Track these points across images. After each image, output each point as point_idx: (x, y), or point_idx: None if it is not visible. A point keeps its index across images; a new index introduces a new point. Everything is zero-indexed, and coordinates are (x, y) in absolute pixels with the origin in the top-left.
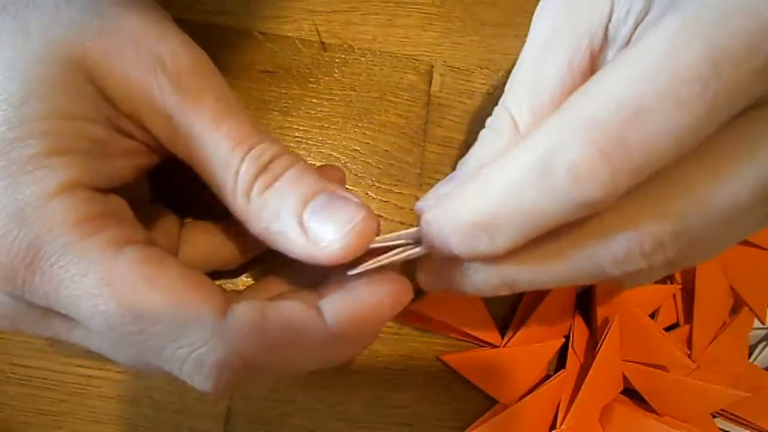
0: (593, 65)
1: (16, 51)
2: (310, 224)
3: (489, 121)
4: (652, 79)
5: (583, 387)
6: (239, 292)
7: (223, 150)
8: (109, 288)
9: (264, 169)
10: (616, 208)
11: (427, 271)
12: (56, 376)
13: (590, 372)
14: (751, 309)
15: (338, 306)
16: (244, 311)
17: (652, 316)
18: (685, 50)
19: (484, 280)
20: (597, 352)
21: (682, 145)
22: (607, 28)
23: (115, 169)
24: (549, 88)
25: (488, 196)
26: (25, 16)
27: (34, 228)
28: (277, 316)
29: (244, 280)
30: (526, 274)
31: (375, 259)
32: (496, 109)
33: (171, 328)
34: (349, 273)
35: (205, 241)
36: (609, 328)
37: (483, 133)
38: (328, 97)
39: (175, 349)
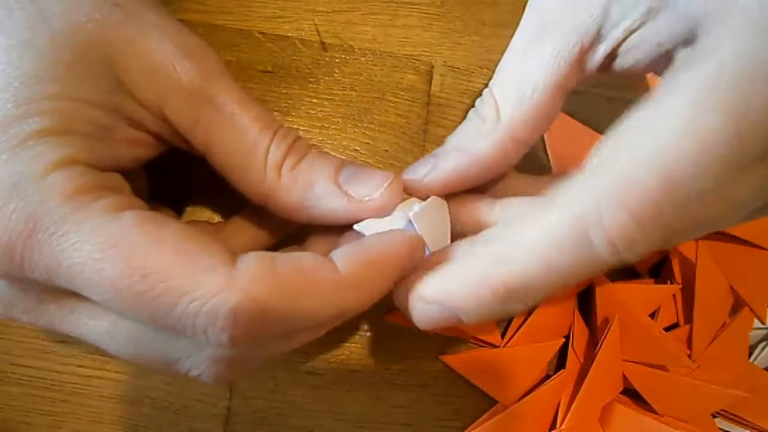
0: (582, 60)
1: (34, 32)
2: (348, 187)
3: (477, 102)
4: (679, 144)
5: (583, 387)
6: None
7: (254, 131)
8: (113, 250)
9: (290, 148)
10: None
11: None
12: (56, 376)
13: (590, 372)
14: (751, 309)
15: (350, 254)
16: (255, 259)
17: (652, 316)
18: (709, 114)
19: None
20: (597, 352)
21: (708, 196)
22: (600, 26)
23: (115, 153)
24: (533, 80)
25: (521, 263)
26: (45, 2)
27: (32, 200)
28: (288, 263)
29: None
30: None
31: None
32: (484, 92)
33: (182, 281)
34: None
35: None
36: (609, 328)
37: (470, 114)
38: (328, 97)
39: (187, 304)
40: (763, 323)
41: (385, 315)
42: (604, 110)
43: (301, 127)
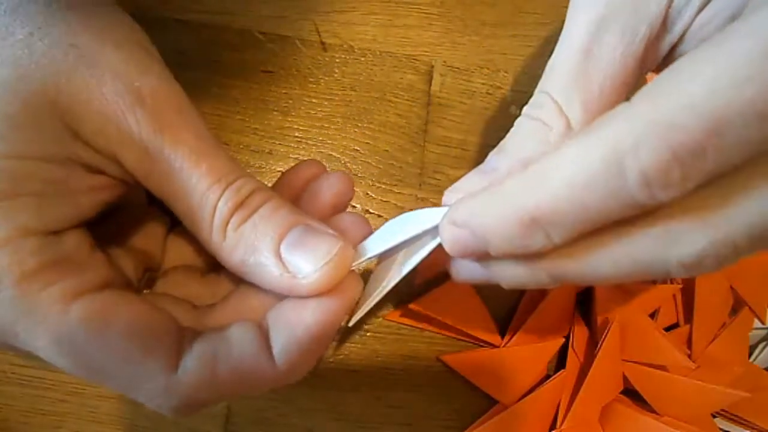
0: (647, 55)
1: None
2: (288, 257)
3: (528, 110)
4: (739, 89)
5: (583, 387)
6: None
7: (203, 187)
8: (59, 348)
9: (241, 204)
10: (680, 205)
11: (460, 264)
12: (56, 376)
13: (590, 372)
14: (751, 309)
15: (285, 340)
16: (194, 365)
17: (652, 316)
18: None
19: (531, 274)
20: (597, 352)
21: (757, 151)
22: (666, 15)
23: (75, 206)
24: (600, 80)
25: (549, 190)
26: None
27: None
28: (229, 366)
29: None
30: (577, 269)
31: (365, 303)
32: (537, 97)
33: (125, 382)
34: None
35: (190, 249)
36: (609, 329)
37: (522, 121)
38: (328, 97)
39: (136, 395)
40: (763, 323)
41: (385, 315)
42: None
43: (301, 127)
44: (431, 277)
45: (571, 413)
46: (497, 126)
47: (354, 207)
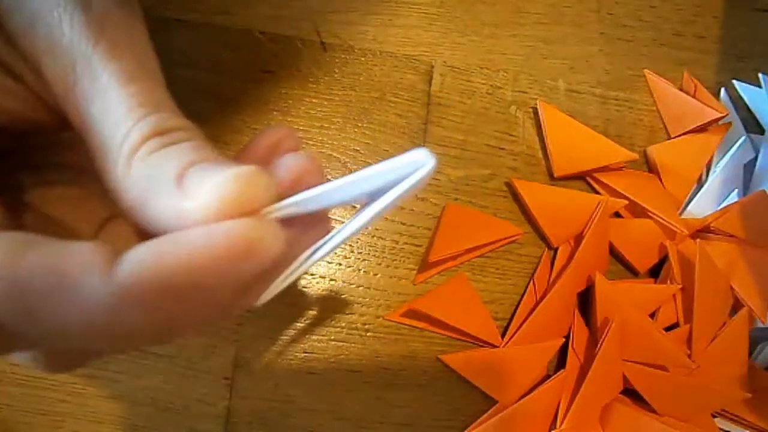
0: None
1: None
2: (188, 180)
3: None
4: None
5: (582, 387)
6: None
7: (124, 108)
8: None
9: (159, 133)
10: None
11: None
12: (56, 377)
13: (590, 372)
14: (751, 309)
15: (134, 257)
16: (5, 239)
17: (652, 316)
18: None
19: None
20: (597, 352)
21: None
22: None
23: None
24: None
25: None
26: None
27: None
28: (41, 253)
29: None
30: None
31: (283, 275)
32: None
33: None
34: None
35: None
36: (609, 329)
37: None
38: (328, 97)
39: None
40: (763, 323)
41: (385, 315)
42: (604, 110)
43: (301, 127)
44: (431, 277)
45: (570, 413)
46: (497, 126)
47: (355, 207)
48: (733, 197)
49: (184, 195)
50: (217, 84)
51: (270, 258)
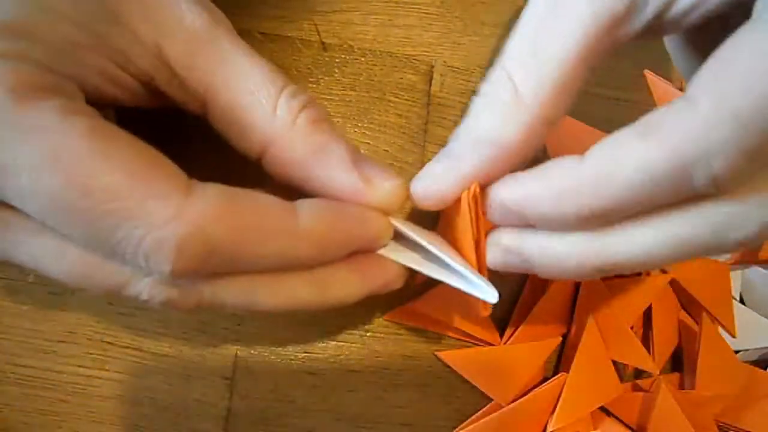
0: (613, 33)
1: None
2: (367, 171)
3: (485, 89)
4: None
5: (564, 389)
6: None
7: (262, 73)
8: (55, 159)
9: (306, 105)
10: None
11: (505, 248)
12: (56, 376)
13: (570, 373)
14: (721, 324)
15: (315, 208)
16: (213, 191)
17: (649, 312)
18: None
19: (578, 261)
20: (575, 354)
21: None
22: None
23: (81, 80)
24: (560, 57)
25: (612, 192)
26: None
27: None
28: (247, 202)
29: None
30: (628, 251)
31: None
32: (494, 74)
33: (129, 203)
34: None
35: None
36: (585, 330)
37: (478, 101)
38: (328, 97)
39: (131, 229)
40: (733, 336)
41: (385, 315)
42: (604, 110)
43: None
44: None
45: (555, 416)
46: None
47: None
48: None
49: (367, 182)
50: None
51: (377, 248)
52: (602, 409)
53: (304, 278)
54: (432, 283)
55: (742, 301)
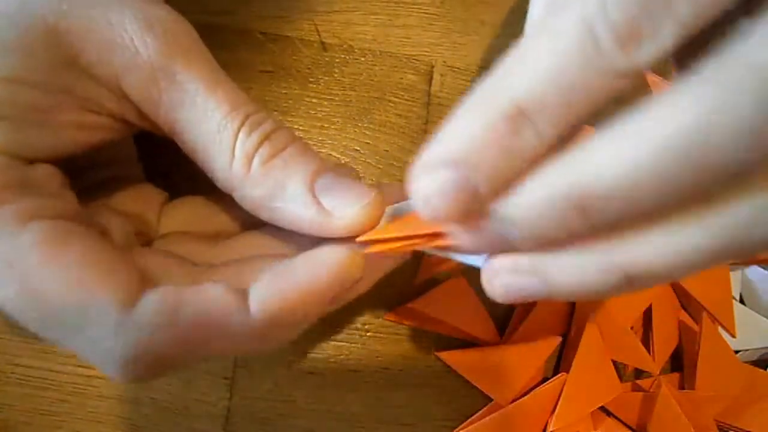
0: None
1: None
2: (322, 197)
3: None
4: None
5: (564, 388)
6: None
7: (221, 113)
8: (10, 270)
9: (267, 138)
10: None
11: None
12: (56, 376)
13: (570, 373)
14: (721, 324)
15: (265, 294)
16: (154, 302)
17: (649, 312)
18: None
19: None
20: (575, 354)
21: None
22: None
23: (54, 140)
24: None
25: (527, 76)
26: None
27: None
28: (193, 308)
29: None
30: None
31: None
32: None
33: (73, 317)
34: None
35: (188, 219)
36: (585, 330)
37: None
38: (328, 97)
39: (82, 340)
40: (733, 336)
41: (385, 315)
42: (604, 110)
43: (301, 127)
44: (431, 277)
45: (555, 416)
46: None
47: None
48: None
49: (327, 215)
50: None
51: (349, 285)
52: (602, 409)
53: None
54: (432, 283)
55: (742, 301)
